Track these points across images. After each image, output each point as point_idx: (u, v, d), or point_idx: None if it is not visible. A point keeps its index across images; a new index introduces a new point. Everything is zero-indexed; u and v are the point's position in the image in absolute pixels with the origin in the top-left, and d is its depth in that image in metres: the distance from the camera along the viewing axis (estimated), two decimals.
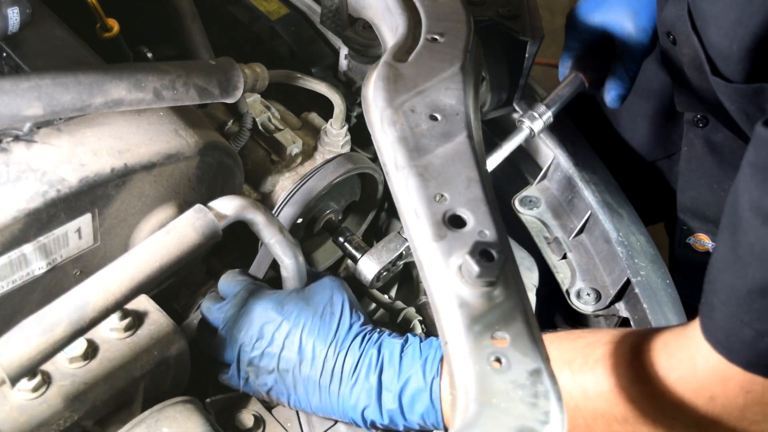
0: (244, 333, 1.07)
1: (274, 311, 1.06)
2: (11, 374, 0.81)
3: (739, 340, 0.83)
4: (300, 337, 1.05)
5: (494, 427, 0.70)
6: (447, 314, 0.78)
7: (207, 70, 1.05)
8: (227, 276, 1.14)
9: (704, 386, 0.87)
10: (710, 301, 0.86)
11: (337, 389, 1.05)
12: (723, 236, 0.87)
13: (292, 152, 1.25)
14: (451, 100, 0.97)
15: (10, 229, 0.91)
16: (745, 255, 0.82)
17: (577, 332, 1.03)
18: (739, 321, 0.82)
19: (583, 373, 0.94)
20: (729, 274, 0.84)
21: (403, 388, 1.03)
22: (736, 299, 0.83)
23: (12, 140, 0.95)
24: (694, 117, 1.40)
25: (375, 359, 1.05)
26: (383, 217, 1.47)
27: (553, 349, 0.98)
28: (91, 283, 0.87)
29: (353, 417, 1.06)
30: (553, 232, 1.39)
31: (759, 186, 0.82)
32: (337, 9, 1.23)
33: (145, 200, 1.04)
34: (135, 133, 1.01)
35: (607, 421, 0.93)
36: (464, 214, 0.84)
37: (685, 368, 0.88)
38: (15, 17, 1.03)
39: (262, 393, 1.09)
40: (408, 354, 1.06)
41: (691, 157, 1.45)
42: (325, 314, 1.07)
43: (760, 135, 0.83)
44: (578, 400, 0.94)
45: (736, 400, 0.85)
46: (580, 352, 0.97)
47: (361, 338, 1.07)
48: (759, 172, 0.83)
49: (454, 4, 1.12)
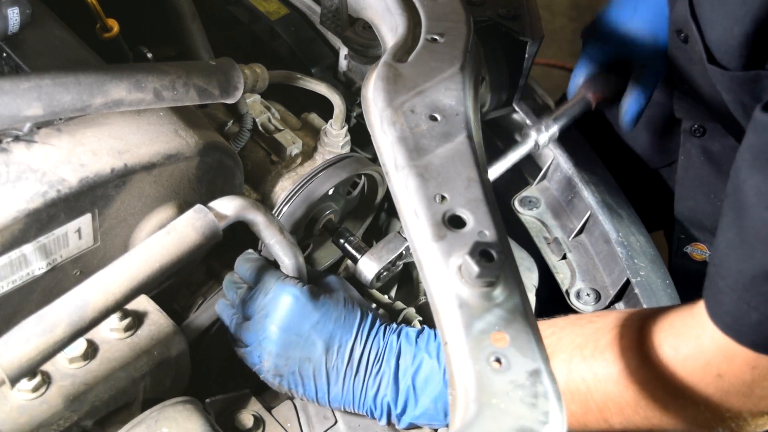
0: (270, 321, 1.06)
1: (304, 302, 1.07)
2: (11, 375, 0.81)
3: (746, 323, 0.85)
4: (329, 328, 1.06)
5: (494, 427, 0.70)
6: (447, 314, 0.78)
7: (207, 70, 1.05)
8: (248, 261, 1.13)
9: (711, 364, 0.89)
10: (716, 285, 0.88)
11: (362, 379, 1.06)
12: (727, 221, 0.89)
13: (292, 153, 1.25)
14: (451, 101, 0.97)
15: (10, 229, 0.91)
16: (751, 239, 0.84)
17: (588, 316, 1.06)
18: (746, 304, 0.85)
19: (594, 359, 0.96)
20: (734, 259, 0.86)
21: (417, 370, 1.05)
22: (743, 283, 0.85)
23: (12, 140, 0.95)
24: (692, 126, 1.41)
25: (395, 345, 1.07)
26: (383, 217, 1.47)
27: (566, 334, 1.01)
28: (91, 283, 0.87)
29: (371, 405, 1.07)
30: (553, 232, 1.39)
31: (761, 171, 0.84)
32: (337, 9, 1.23)
33: (145, 200, 1.04)
34: (135, 133, 1.01)
35: (618, 405, 0.95)
36: (464, 214, 0.84)
37: (692, 347, 0.90)
38: (15, 17, 1.03)
39: (273, 382, 1.09)
40: (423, 338, 1.08)
41: (688, 167, 1.46)
42: (348, 307, 1.09)
43: (760, 120, 0.85)
44: (590, 385, 0.96)
45: (743, 377, 0.88)
46: (591, 337, 0.98)
47: (383, 329, 1.09)
48: (761, 156, 0.85)
49: (454, 5, 1.12)
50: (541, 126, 1.30)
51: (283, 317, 1.06)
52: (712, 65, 1.12)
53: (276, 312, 1.06)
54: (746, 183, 0.85)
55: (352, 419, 1.13)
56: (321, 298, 1.08)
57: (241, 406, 1.12)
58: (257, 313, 1.08)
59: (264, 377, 1.09)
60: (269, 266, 1.12)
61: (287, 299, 1.06)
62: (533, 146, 1.30)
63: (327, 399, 1.08)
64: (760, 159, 0.85)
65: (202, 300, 1.22)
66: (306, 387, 1.07)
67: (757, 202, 0.83)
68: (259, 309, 1.08)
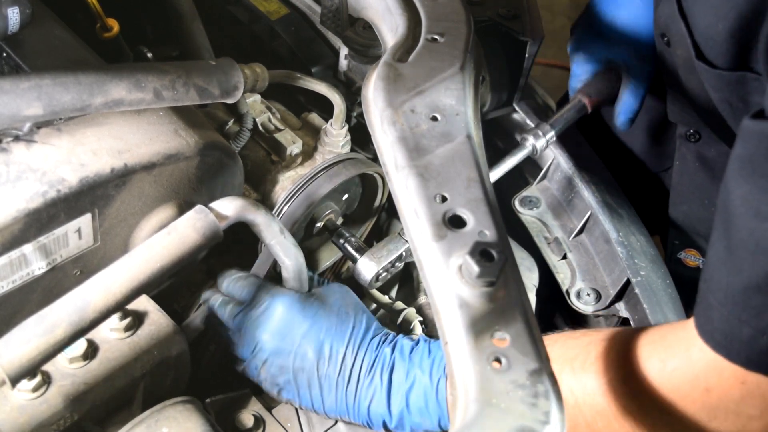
0: (262, 331, 1.07)
1: (295, 310, 1.07)
2: (11, 375, 0.81)
3: (737, 339, 0.82)
4: (320, 336, 1.06)
5: (494, 427, 0.70)
6: (447, 314, 0.78)
7: (207, 70, 1.05)
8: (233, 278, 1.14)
9: (699, 378, 0.86)
10: (706, 300, 0.85)
11: (354, 388, 1.05)
12: (717, 234, 0.86)
13: (292, 152, 1.25)
14: (451, 100, 0.97)
15: (10, 229, 0.91)
16: (739, 251, 0.81)
17: (582, 331, 1.04)
18: (736, 320, 0.82)
19: (583, 371, 0.95)
20: (724, 272, 0.84)
21: (411, 388, 1.04)
22: (733, 297, 0.82)
23: (12, 140, 0.95)
24: (687, 132, 1.41)
25: (388, 358, 1.06)
26: (383, 217, 1.47)
27: (558, 347, 0.98)
28: (92, 283, 0.87)
29: (366, 417, 1.06)
30: (553, 232, 1.39)
31: (748, 180, 0.81)
32: (337, 9, 1.23)
33: (145, 200, 1.04)
34: (135, 133, 1.01)
35: (607, 418, 0.93)
36: (464, 214, 0.84)
37: (681, 360, 0.88)
38: (15, 17, 1.03)
39: (272, 392, 1.09)
40: (417, 353, 1.06)
41: (683, 172, 1.45)
42: (341, 315, 1.08)
43: (748, 128, 0.83)
44: (579, 398, 0.94)
45: (732, 392, 0.85)
46: (582, 349, 0.97)
47: (378, 339, 1.08)
48: (747, 165, 0.82)
49: (454, 4, 1.12)
50: (539, 131, 1.30)
51: (274, 326, 1.06)
52: (700, 62, 1.11)
53: (268, 322, 1.07)
54: (733, 193, 0.83)
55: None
56: (312, 305, 1.08)
57: (241, 406, 1.12)
58: (250, 326, 1.08)
59: (265, 388, 1.09)
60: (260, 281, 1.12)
61: (278, 308, 1.07)
62: (531, 151, 1.31)
63: (323, 409, 1.08)
64: (746, 168, 0.82)
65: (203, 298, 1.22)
66: (302, 397, 1.07)
67: (745, 212, 0.81)
68: (251, 321, 1.08)
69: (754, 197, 0.80)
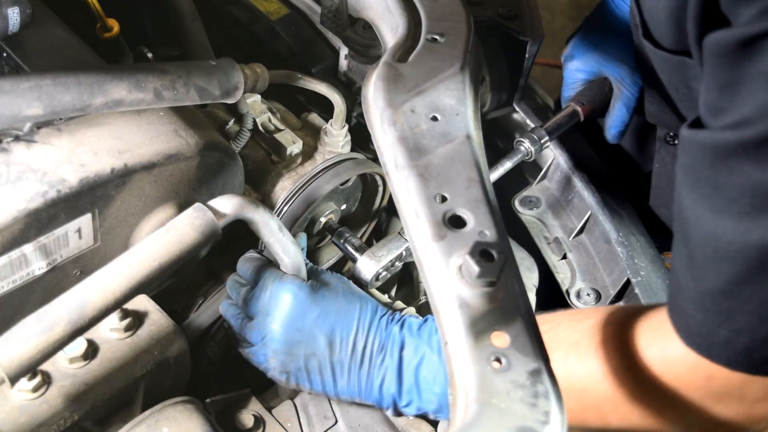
0: (271, 320, 1.07)
1: (303, 297, 1.07)
2: (11, 373, 0.81)
3: (716, 342, 0.85)
4: (329, 321, 1.06)
5: (494, 427, 0.70)
6: (447, 314, 0.78)
7: (207, 70, 1.05)
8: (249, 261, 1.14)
9: (699, 367, 0.88)
10: (682, 309, 0.88)
11: (367, 369, 1.06)
12: (677, 241, 0.88)
13: (292, 152, 1.25)
14: (451, 101, 0.97)
15: (10, 229, 0.91)
16: (699, 259, 0.84)
17: (585, 311, 1.05)
18: (712, 324, 0.84)
19: (588, 356, 0.96)
20: (691, 280, 0.86)
21: (420, 364, 1.05)
22: (702, 304, 0.85)
23: (12, 140, 0.95)
24: (666, 134, 1.41)
25: (398, 336, 1.07)
26: (383, 217, 1.48)
27: (562, 330, 1.00)
28: (91, 282, 0.87)
29: (377, 397, 1.07)
30: (553, 232, 1.39)
31: (693, 189, 0.84)
32: (337, 9, 1.23)
33: (145, 200, 1.04)
34: (135, 133, 1.01)
35: (613, 403, 0.94)
36: (464, 214, 0.84)
37: (679, 349, 0.89)
38: (15, 17, 1.03)
39: (280, 379, 1.09)
40: (425, 330, 1.08)
41: (662, 174, 1.45)
42: (348, 298, 1.09)
43: (686, 138, 0.85)
44: (586, 384, 0.96)
45: (733, 379, 0.86)
46: (587, 333, 0.98)
47: (386, 319, 1.09)
48: (691, 174, 0.84)
49: (454, 4, 1.12)
50: (534, 136, 1.31)
51: (285, 315, 1.06)
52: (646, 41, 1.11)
53: (277, 310, 1.07)
54: (683, 203, 0.85)
55: (352, 419, 1.13)
56: (320, 292, 1.08)
57: (241, 406, 1.12)
58: (259, 312, 1.08)
59: (271, 375, 1.09)
60: (269, 265, 1.12)
61: (287, 296, 1.07)
62: (525, 154, 1.31)
63: (334, 392, 1.08)
64: (689, 177, 0.84)
65: (202, 300, 1.22)
66: (313, 381, 1.08)
67: (696, 222, 0.83)
68: (261, 308, 1.08)
69: (700, 206, 0.82)
